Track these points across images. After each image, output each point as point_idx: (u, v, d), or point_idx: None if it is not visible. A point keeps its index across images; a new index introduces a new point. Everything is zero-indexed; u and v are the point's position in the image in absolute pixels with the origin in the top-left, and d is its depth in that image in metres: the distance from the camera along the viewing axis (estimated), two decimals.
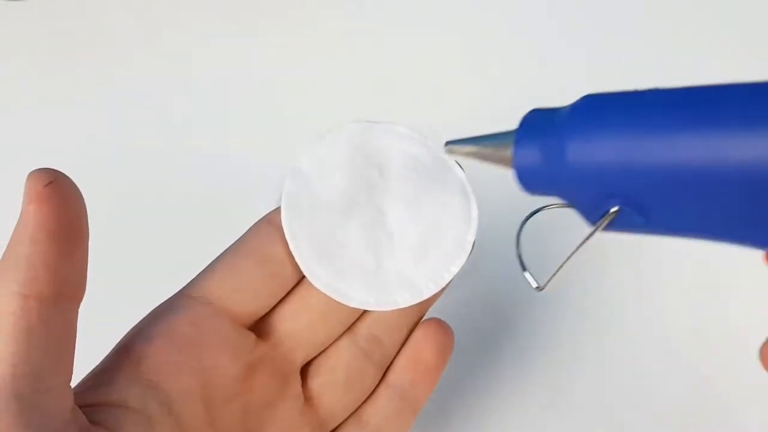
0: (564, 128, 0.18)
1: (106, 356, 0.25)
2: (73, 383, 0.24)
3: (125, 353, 0.25)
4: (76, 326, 0.22)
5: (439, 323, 0.29)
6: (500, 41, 0.50)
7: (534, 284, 0.21)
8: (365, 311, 0.29)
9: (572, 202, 0.19)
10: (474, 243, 0.28)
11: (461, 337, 0.34)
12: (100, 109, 0.48)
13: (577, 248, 0.20)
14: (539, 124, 0.19)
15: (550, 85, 0.47)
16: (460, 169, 0.29)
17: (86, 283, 0.22)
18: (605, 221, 0.18)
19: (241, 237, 0.28)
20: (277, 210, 0.28)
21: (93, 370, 0.24)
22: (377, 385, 0.29)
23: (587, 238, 0.19)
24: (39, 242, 0.20)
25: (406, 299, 0.28)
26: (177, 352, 0.25)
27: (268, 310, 0.27)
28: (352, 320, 0.29)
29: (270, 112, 0.47)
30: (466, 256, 0.28)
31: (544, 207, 0.22)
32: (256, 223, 0.28)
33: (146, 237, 0.43)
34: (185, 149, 0.46)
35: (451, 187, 0.29)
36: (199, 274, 0.27)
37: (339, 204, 0.28)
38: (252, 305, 0.27)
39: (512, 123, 0.20)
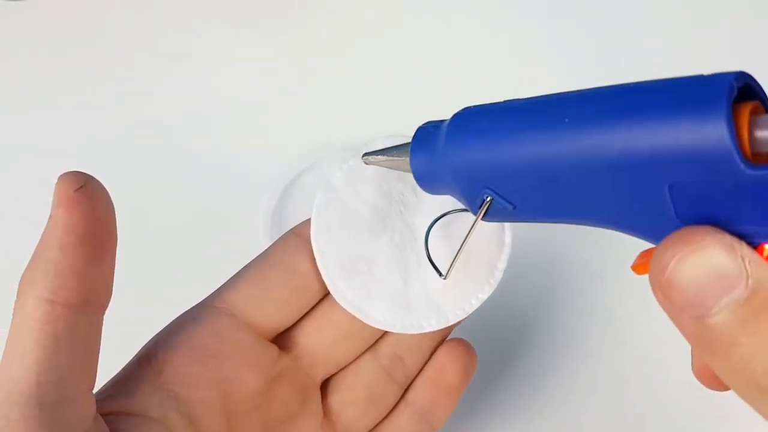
0: (443, 137, 0.22)
1: (128, 364, 0.25)
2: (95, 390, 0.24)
3: (147, 362, 0.24)
4: (100, 334, 0.22)
5: (463, 344, 0.29)
6: (501, 41, 0.49)
7: (438, 274, 0.26)
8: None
9: (460, 199, 0.23)
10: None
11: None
12: (99, 109, 0.48)
13: (467, 236, 0.25)
14: (427, 135, 0.23)
15: (550, 85, 0.47)
16: None
17: (112, 289, 0.22)
18: (483, 209, 0.22)
19: (267, 248, 0.27)
20: (306, 222, 0.28)
21: (114, 377, 0.24)
22: (397, 404, 0.29)
23: (472, 226, 0.24)
24: (68, 248, 0.20)
25: (432, 324, 0.27)
26: (198, 363, 0.25)
27: (291, 323, 0.27)
28: (375, 338, 0.28)
29: (270, 113, 0.47)
30: (496, 283, 0.28)
31: (445, 213, 0.27)
32: (284, 235, 0.28)
33: (145, 240, 0.42)
34: (184, 149, 0.45)
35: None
36: (223, 285, 0.27)
37: (369, 221, 0.27)
38: (276, 318, 0.27)
39: None
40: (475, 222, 0.23)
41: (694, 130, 0.16)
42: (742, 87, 0.16)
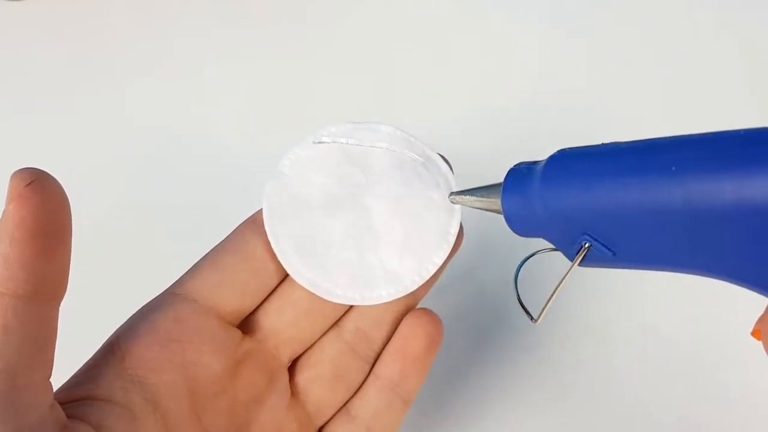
0: (539, 179, 0.21)
1: (94, 353, 0.26)
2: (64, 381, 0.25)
3: (111, 350, 0.25)
4: (55, 324, 0.22)
5: (426, 312, 0.29)
6: (498, 44, 0.50)
7: (530, 318, 0.25)
8: (351, 306, 0.29)
9: (553, 242, 0.22)
10: (460, 235, 0.28)
11: (457, 338, 0.34)
12: (99, 109, 0.48)
13: (561, 281, 0.23)
14: (521, 176, 0.23)
15: (550, 88, 0.47)
16: (445, 163, 0.29)
17: (67, 281, 0.23)
18: (580, 256, 0.21)
19: (226, 237, 0.28)
20: (260, 211, 0.28)
21: (80, 368, 0.25)
22: (366, 379, 0.29)
23: (568, 272, 0.22)
24: (16, 241, 0.21)
25: (391, 293, 0.28)
26: (161, 348, 0.25)
27: (253, 307, 0.28)
28: (338, 316, 0.29)
29: (269, 114, 0.47)
30: (450, 247, 0.28)
31: (536, 252, 0.25)
32: (241, 223, 0.29)
33: (139, 237, 0.43)
34: (181, 149, 0.46)
35: (435, 182, 0.29)
36: (185, 273, 0.28)
37: (321, 203, 0.28)
38: (236, 302, 0.27)
39: (510, 126, 0.22)
40: (570, 268, 0.22)
41: None
42: None
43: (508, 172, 0.23)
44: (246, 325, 0.28)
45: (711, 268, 0.18)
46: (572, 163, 0.21)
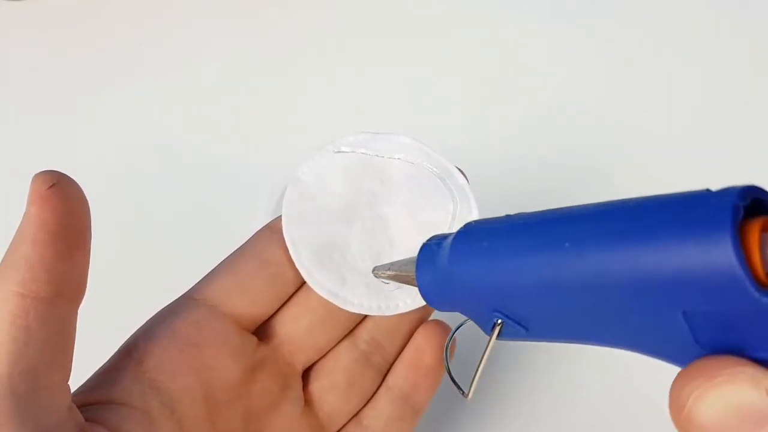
0: (446, 255, 0.21)
1: (111, 356, 0.26)
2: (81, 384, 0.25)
3: (128, 353, 0.25)
4: (74, 326, 0.22)
5: (440, 324, 0.29)
6: (503, 50, 0.50)
7: (462, 393, 0.24)
8: (366, 316, 0.29)
9: (470, 317, 0.22)
10: None
11: (462, 343, 0.34)
12: (98, 109, 0.48)
13: (483, 357, 0.22)
14: (432, 253, 0.23)
15: (554, 92, 0.47)
16: (462, 175, 0.29)
17: (86, 284, 0.23)
18: (495, 333, 0.21)
19: (244, 243, 0.28)
20: (279, 218, 0.28)
21: (97, 370, 0.25)
22: (378, 389, 0.29)
23: (487, 348, 0.22)
24: (39, 243, 0.21)
25: (408, 304, 0.28)
26: (179, 352, 0.26)
27: (270, 314, 0.28)
28: (353, 324, 0.29)
29: (269, 113, 0.47)
30: None
31: (460, 326, 0.25)
32: (258, 230, 0.29)
33: (143, 240, 0.43)
34: (183, 149, 0.46)
35: (453, 194, 0.29)
36: (202, 278, 0.28)
37: (339, 212, 0.28)
38: (253, 308, 0.27)
39: (517, 130, 0.22)
40: (488, 345, 0.22)
41: (700, 257, 0.14)
42: (750, 203, 0.15)
43: (421, 247, 0.23)
44: (262, 331, 0.28)
45: (620, 342, 0.18)
46: (476, 240, 0.21)
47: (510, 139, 0.44)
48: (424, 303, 0.28)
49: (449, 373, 0.25)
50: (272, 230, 0.28)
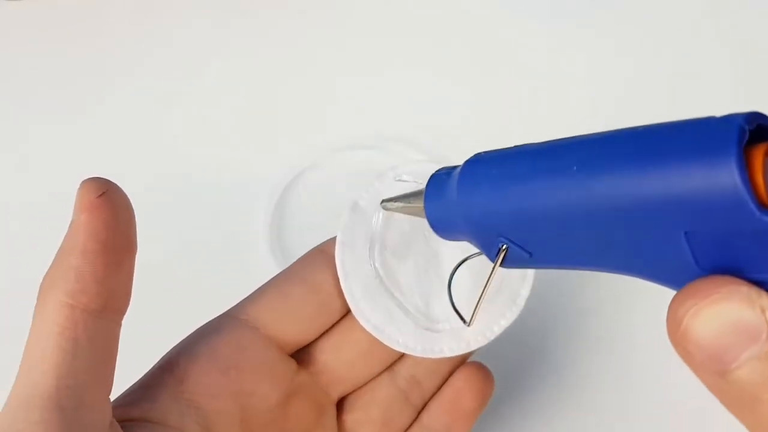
0: (454, 183, 0.22)
1: (149, 371, 0.25)
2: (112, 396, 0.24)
3: (169, 370, 0.25)
4: (118, 339, 0.22)
5: (481, 369, 0.29)
6: (503, 50, 0.49)
7: (462, 321, 0.26)
8: None
9: (476, 245, 0.23)
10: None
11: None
12: (98, 110, 0.48)
13: (487, 283, 0.24)
14: (440, 182, 0.23)
15: (555, 93, 0.46)
16: None
17: (131, 295, 0.22)
18: (500, 258, 0.21)
19: (292, 264, 0.28)
20: (331, 240, 0.28)
21: (135, 384, 0.25)
22: (411, 426, 0.28)
23: (491, 274, 0.23)
24: (89, 253, 0.20)
25: (453, 349, 0.27)
26: (220, 374, 0.25)
27: (312, 339, 0.27)
28: (394, 359, 0.28)
29: (269, 113, 0.46)
30: (519, 311, 0.27)
31: (466, 258, 0.26)
32: (309, 252, 0.28)
33: (146, 240, 0.42)
34: (183, 149, 0.45)
35: None
36: (247, 297, 0.27)
37: (394, 244, 0.27)
38: (297, 333, 0.27)
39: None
40: (493, 270, 0.22)
41: (705, 178, 0.15)
42: (755, 128, 0.15)
43: (430, 178, 0.24)
44: (301, 356, 0.27)
45: (621, 266, 0.19)
46: (483, 168, 0.21)
47: (510, 139, 0.43)
48: (469, 348, 0.27)
49: (451, 301, 0.26)
50: (324, 254, 0.27)
